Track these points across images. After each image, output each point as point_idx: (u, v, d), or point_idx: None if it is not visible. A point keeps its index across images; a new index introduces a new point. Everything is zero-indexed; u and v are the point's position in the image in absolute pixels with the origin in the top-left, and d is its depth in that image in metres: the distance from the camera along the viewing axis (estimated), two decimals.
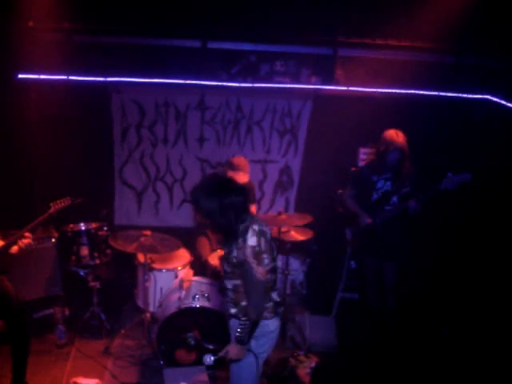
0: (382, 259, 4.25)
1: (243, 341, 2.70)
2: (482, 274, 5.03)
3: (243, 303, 2.79)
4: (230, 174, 4.44)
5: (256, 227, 2.73)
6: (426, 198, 3.89)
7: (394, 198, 4.10)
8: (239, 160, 4.62)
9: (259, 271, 2.66)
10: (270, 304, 2.82)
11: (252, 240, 2.68)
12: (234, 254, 2.72)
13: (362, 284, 4.72)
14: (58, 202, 3.86)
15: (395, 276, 4.27)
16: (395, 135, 3.97)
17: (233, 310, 2.86)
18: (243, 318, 2.71)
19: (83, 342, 4.39)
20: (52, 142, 5.11)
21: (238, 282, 2.78)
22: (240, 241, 2.69)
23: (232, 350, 2.73)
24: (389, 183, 4.12)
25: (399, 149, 3.93)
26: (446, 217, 5.15)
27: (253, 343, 2.78)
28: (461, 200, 4.61)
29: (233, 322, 2.90)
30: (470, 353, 4.32)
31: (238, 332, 2.69)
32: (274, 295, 2.86)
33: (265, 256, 2.73)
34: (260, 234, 2.73)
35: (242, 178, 4.45)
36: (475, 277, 5.06)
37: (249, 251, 2.66)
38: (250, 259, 2.65)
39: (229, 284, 2.84)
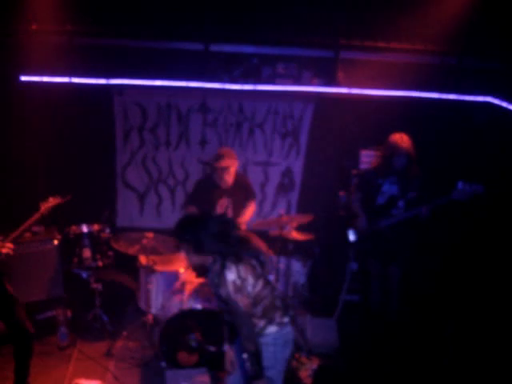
0: (386, 263, 4.24)
1: (259, 374, 2.66)
2: (486, 276, 5.02)
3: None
4: (216, 164, 4.35)
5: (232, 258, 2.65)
6: (437, 206, 3.87)
7: (401, 203, 4.07)
8: (223, 150, 4.50)
9: (244, 303, 2.62)
10: (287, 316, 2.78)
11: (230, 276, 2.60)
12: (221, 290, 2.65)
13: (365, 286, 4.71)
14: (47, 201, 3.86)
15: (399, 280, 4.25)
16: (400, 140, 3.92)
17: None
18: (245, 356, 2.66)
19: (85, 343, 4.38)
20: (54, 144, 5.13)
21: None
22: (220, 278, 2.62)
23: None
24: (394, 187, 4.09)
25: (404, 154, 3.90)
26: (451, 218, 5.14)
27: (281, 351, 2.78)
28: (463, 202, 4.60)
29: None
30: (472, 354, 4.31)
31: (251, 370, 2.65)
32: (279, 303, 2.79)
33: (248, 283, 2.65)
34: (237, 261, 2.64)
35: (226, 162, 4.33)
36: (479, 278, 5.05)
37: (230, 288, 2.60)
38: (233, 295, 2.61)
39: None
